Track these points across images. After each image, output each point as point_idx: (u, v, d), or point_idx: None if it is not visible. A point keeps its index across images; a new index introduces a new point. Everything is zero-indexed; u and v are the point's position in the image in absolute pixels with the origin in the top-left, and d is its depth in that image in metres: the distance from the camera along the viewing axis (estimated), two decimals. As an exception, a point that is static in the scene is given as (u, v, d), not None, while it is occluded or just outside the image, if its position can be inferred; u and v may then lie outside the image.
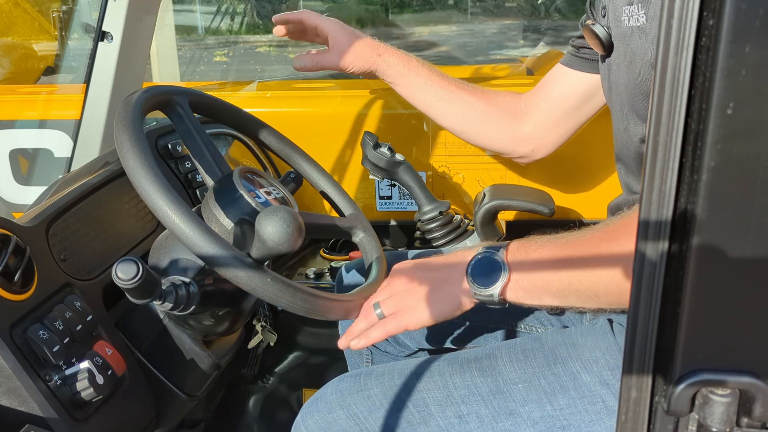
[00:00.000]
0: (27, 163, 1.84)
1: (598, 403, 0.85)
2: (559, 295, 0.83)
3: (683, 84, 0.41)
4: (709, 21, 0.40)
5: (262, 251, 0.82)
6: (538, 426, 0.84)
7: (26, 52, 2.49)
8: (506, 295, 0.85)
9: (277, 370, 1.69)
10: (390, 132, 1.71)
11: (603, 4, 1.06)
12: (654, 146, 0.42)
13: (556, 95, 1.31)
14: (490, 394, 0.86)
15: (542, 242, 0.86)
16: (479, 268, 0.86)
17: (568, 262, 0.81)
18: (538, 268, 0.84)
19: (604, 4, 1.06)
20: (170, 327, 1.05)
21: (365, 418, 0.87)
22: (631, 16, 0.95)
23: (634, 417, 0.48)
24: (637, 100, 0.98)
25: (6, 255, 0.89)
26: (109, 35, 1.48)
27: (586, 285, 0.80)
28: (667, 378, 0.46)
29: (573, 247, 0.82)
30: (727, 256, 0.43)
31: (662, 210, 0.43)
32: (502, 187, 1.55)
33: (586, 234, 0.82)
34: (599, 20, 1.07)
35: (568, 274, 0.81)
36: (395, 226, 1.78)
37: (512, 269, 0.84)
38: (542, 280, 0.83)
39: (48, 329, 0.89)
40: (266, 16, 8.86)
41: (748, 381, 0.45)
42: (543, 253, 0.85)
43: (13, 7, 2.42)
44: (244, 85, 2.04)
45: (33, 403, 0.86)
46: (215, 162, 1.01)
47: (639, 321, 0.46)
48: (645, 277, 0.45)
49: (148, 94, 0.96)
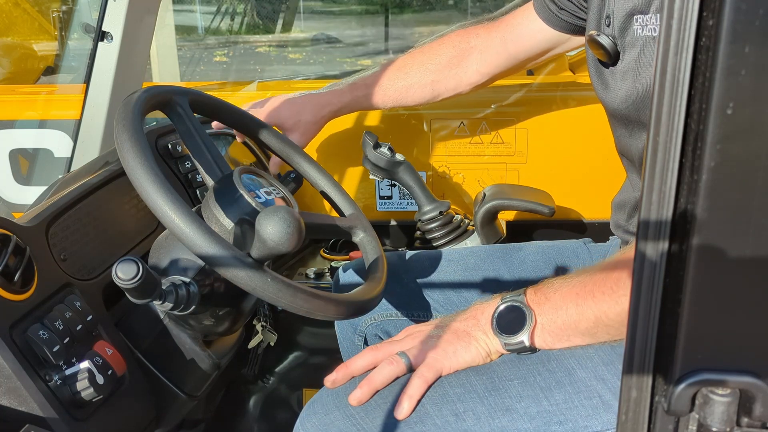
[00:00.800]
0: (27, 163, 1.84)
1: (595, 398, 0.85)
2: (588, 333, 0.85)
3: (683, 84, 0.41)
4: (708, 21, 0.39)
5: (262, 251, 0.82)
6: (535, 421, 0.85)
7: (26, 52, 2.49)
8: (534, 341, 0.86)
9: (278, 370, 1.68)
10: (390, 132, 1.71)
11: (606, 13, 1.04)
12: (654, 146, 0.42)
13: (522, 48, 1.35)
14: (486, 391, 0.86)
15: (558, 285, 0.88)
16: (503, 317, 0.88)
17: (591, 299, 0.83)
18: (562, 310, 0.85)
19: (607, 13, 1.04)
20: (170, 327, 1.05)
21: (362, 419, 0.87)
22: (645, 26, 0.94)
23: (634, 417, 0.48)
24: (644, 107, 0.97)
25: (6, 255, 0.89)
26: (109, 35, 1.48)
27: (613, 318, 0.81)
28: (667, 378, 0.46)
29: (593, 284, 0.84)
30: (727, 255, 0.43)
31: (662, 210, 0.43)
32: (502, 187, 1.55)
33: (602, 270, 0.84)
34: (603, 30, 1.05)
35: (594, 310, 0.82)
36: (395, 226, 1.78)
37: (536, 314, 0.86)
38: (568, 321, 0.85)
39: (48, 329, 0.89)
40: (266, 16, 8.86)
41: (748, 381, 0.45)
42: (562, 294, 0.86)
43: (13, 6, 2.42)
44: (244, 85, 2.04)
45: (33, 403, 0.86)
46: (215, 162, 1.01)
47: (639, 321, 0.46)
48: (645, 277, 0.45)
49: (148, 94, 0.96)
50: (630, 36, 0.98)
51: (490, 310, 0.90)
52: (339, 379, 0.92)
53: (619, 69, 1.02)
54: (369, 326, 1.25)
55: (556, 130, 1.67)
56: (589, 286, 0.84)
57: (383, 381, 0.89)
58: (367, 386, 0.89)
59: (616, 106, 1.04)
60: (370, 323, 1.25)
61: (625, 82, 1.00)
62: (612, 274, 0.82)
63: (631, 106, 0.99)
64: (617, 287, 0.81)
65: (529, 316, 0.86)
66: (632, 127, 1.03)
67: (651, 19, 0.93)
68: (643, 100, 0.97)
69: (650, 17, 0.93)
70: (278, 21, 8.28)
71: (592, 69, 1.10)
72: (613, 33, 1.01)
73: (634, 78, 0.97)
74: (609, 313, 0.81)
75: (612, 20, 1.02)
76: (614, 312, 0.81)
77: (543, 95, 1.70)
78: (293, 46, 9.72)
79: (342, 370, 0.93)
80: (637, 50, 0.97)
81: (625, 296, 0.79)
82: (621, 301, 0.80)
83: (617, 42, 1.01)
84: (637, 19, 0.96)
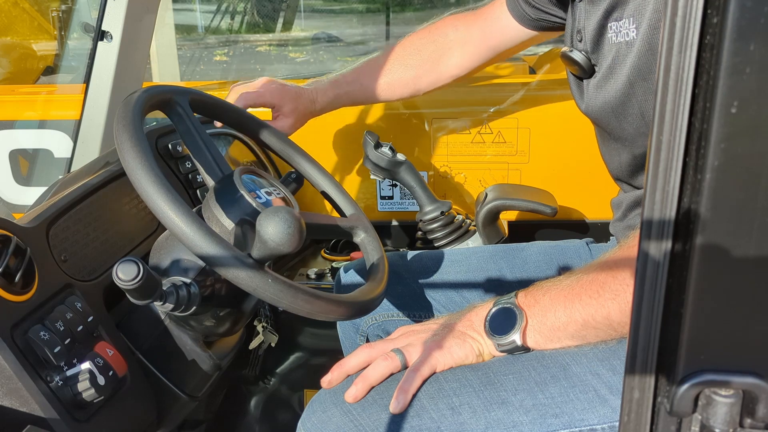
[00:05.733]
0: (27, 163, 1.84)
1: (590, 392, 0.86)
2: (577, 336, 0.86)
3: (687, 83, 0.41)
4: (713, 19, 0.39)
5: (263, 252, 0.82)
6: (531, 414, 0.85)
7: (26, 51, 2.49)
8: (527, 341, 0.88)
9: (279, 370, 1.68)
10: (391, 132, 1.71)
11: (577, 28, 1.05)
12: (657, 145, 0.42)
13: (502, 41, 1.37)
14: (481, 385, 0.87)
15: (547, 287, 0.89)
16: (495, 319, 0.90)
17: (578, 302, 0.84)
18: (551, 313, 0.87)
19: (578, 29, 1.05)
20: (171, 328, 1.05)
21: (359, 414, 0.88)
22: (619, 32, 0.95)
23: (636, 418, 0.48)
24: (616, 116, 0.99)
25: (6, 256, 0.89)
26: (109, 35, 1.47)
27: (600, 321, 0.83)
28: (669, 378, 0.46)
29: (580, 287, 0.85)
30: (731, 255, 0.43)
31: (666, 209, 0.43)
32: (503, 187, 1.55)
33: (588, 272, 0.86)
34: (575, 45, 1.06)
35: (582, 314, 0.84)
36: (397, 226, 1.78)
37: (527, 315, 0.88)
38: (557, 324, 0.87)
39: (49, 330, 0.89)
40: (267, 15, 8.86)
41: (751, 382, 0.45)
42: (551, 297, 0.88)
43: (13, 6, 2.42)
44: (244, 85, 2.03)
45: (34, 404, 0.85)
46: (216, 162, 1.01)
47: (642, 321, 0.46)
48: (648, 276, 0.45)
49: (148, 93, 0.96)
50: (606, 45, 0.99)
51: (483, 313, 0.91)
52: (335, 378, 0.93)
53: (593, 82, 1.03)
54: (370, 327, 1.25)
55: (559, 130, 1.66)
56: (577, 290, 0.85)
57: (378, 377, 0.90)
58: (363, 383, 0.89)
59: (595, 117, 1.06)
60: (372, 324, 1.25)
61: (600, 92, 1.00)
62: (598, 277, 0.84)
63: (610, 114, 1.00)
64: (603, 291, 0.83)
65: (519, 316, 0.88)
66: (604, 137, 1.05)
67: (624, 23, 0.94)
68: (615, 107, 0.98)
69: (624, 22, 0.94)
70: (279, 20, 8.27)
71: (571, 80, 1.12)
72: (586, 48, 1.03)
73: (604, 85, 0.99)
74: (596, 317, 0.83)
75: (583, 35, 1.03)
76: (601, 315, 0.83)
77: (545, 94, 1.70)
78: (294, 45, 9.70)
79: (337, 369, 0.94)
80: (609, 57, 0.97)
81: (611, 300, 0.82)
82: (607, 305, 0.82)
83: (590, 57, 1.02)
84: (611, 27, 0.96)
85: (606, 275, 0.84)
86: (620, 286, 0.82)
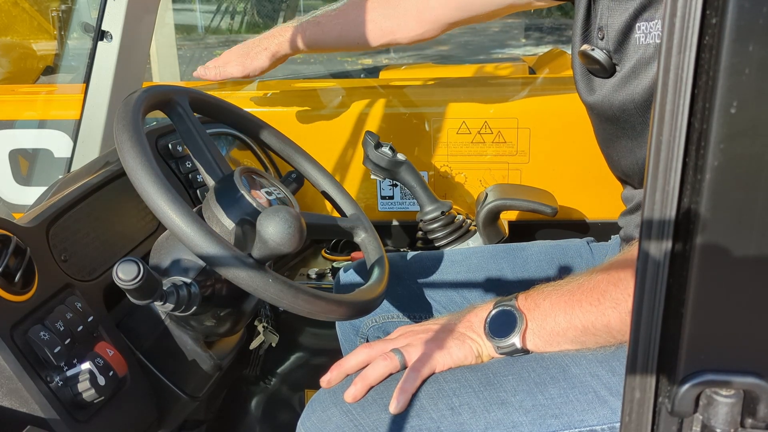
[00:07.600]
0: (27, 163, 1.84)
1: (590, 393, 0.86)
2: (577, 341, 0.87)
3: (686, 83, 0.41)
4: (712, 19, 0.39)
5: (263, 252, 0.82)
6: (530, 414, 0.85)
7: (25, 51, 2.48)
8: (526, 344, 0.88)
9: (279, 371, 1.68)
10: (391, 131, 1.71)
11: (598, 25, 1.02)
12: (657, 146, 0.42)
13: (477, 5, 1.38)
14: (481, 385, 0.87)
15: (548, 291, 0.89)
16: (495, 321, 0.90)
17: (579, 309, 0.85)
18: (551, 318, 0.87)
19: (599, 26, 1.02)
20: (171, 328, 1.05)
21: (359, 414, 0.88)
22: (648, 33, 0.93)
23: (637, 418, 0.48)
24: (635, 115, 0.97)
25: (6, 256, 0.89)
26: (109, 35, 1.47)
27: (600, 328, 0.83)
28: (670, 378, 0.46)
29: (581, 293, 0.85)
30: (731, 255, 0.42)
31: (665, 210, 0.43)
32: (504, 187, 1.55)
33: (591, 278, 0.86)
34: (596, 43, 1.02)
35: (581, 320, 0.84)
36: (397, 226, 1.78)
37: (527, 318, 0.88)
38: (557, 329, 0.87)
39: (49, 330, 0.89)
40: (267, 14, 8.86)
41: (752, 382, 0.45)
42: (552, 302, 0.87)
43: (12, 6, 2.42)
44: (244, 85, 2.03)
45: (34, 405, 0.85)
46: (216, 162, 1.01)
47: (642, 321, 0.46)
48: (648, 277, 0.45)
49: (148, 93, 0.96)
50: (632, 45, 0.96)
51: (483, 314, 0.91)
52: (334, 378, 0.93)
53: (612, 81, 1.01)
54: (370, 327, 1.25)
55: (559, 130, 1.66)
56: (578, 296, 0.85)
57: (377, 377, 0.90)
58: (362, 382, 0.89)
59: (612, 113, 1.03)
60: (372, 324, 1.25)
61: (622, 90, 0.98)
62: (599, 284, 0.84)
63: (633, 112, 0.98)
64: (604, 299, 0.83)
65: (519, 319, 0.88)
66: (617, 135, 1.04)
67: (657, 24, 0.92)
68: (639, 105, 0.96)
69: (656, 23, 0.92)
70: (278, 20, 8.26)
71: (579, 74, 1.09)
72: (608, 47, 1.00)
73: (632, 85, 0.96)
74: (596, 324, 0.83)
75: (606, 32, 1.00)
76: (601, 323, 0.83)
77: (545, 94, 1.70)
78: (294, 46, 9.68)
79: (336, 369, 0.94)
80: (638, 58, 0.95)
81: (612, 308, 0.82)
82: (607, 314, 0.82)
83: (612, 56, 1.00)
84: (640, 27, 0.94)
85: (608, 283, 0.84)
86: (621, 294, 0.82)
